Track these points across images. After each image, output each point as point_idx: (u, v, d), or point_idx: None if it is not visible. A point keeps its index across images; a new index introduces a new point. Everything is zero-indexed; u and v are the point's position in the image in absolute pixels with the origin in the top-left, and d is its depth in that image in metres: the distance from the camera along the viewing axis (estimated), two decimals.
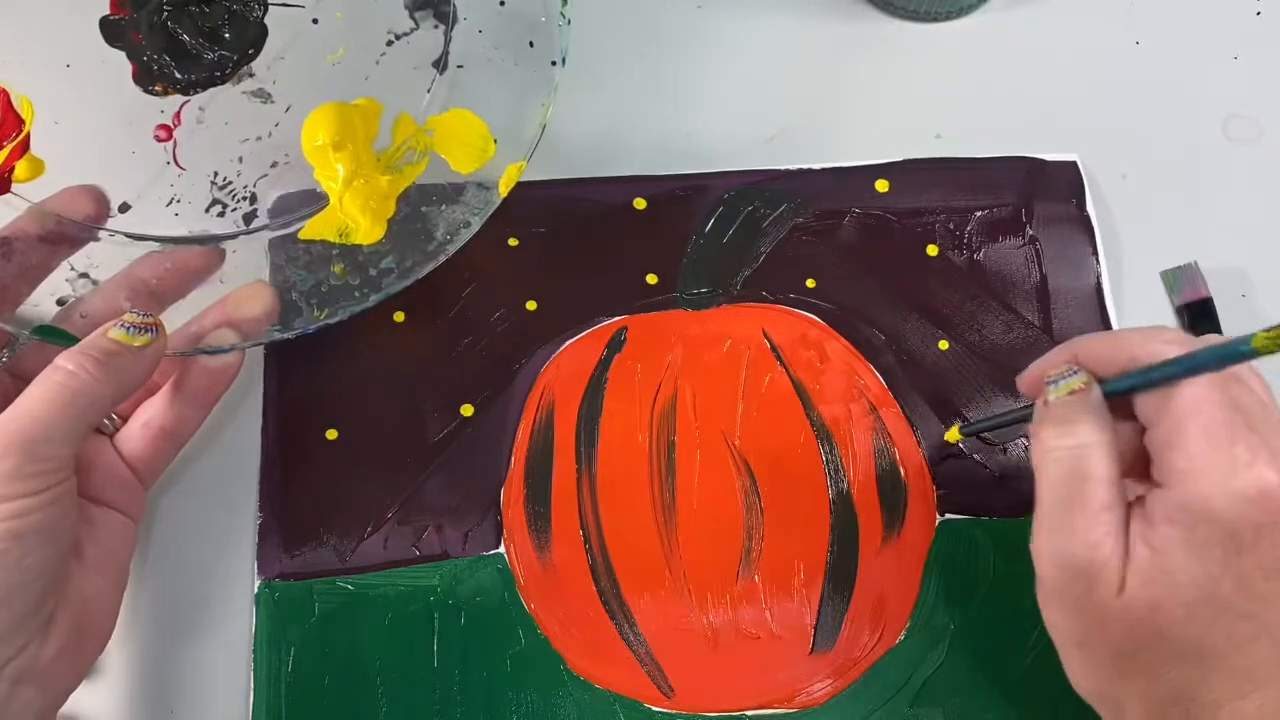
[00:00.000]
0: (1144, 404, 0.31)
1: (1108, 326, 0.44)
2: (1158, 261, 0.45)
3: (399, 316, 0.44)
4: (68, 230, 0.39)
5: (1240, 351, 0.28)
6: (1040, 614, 0.39)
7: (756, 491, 0.41)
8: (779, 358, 0.43)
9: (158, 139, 0.40)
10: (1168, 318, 0.45)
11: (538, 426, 0.42)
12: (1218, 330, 0.43)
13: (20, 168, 0.39)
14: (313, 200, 0.41)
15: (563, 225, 0.45)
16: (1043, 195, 0.45)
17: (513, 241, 0.45)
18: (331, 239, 0.39)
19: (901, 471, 0.42)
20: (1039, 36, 0.49)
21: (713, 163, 0.46)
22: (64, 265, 0.39)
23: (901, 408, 0.43)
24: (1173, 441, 0.30)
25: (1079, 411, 0.32)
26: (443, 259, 0.39)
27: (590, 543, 0.41)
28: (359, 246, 0.39)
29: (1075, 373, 0.32)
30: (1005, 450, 0.42)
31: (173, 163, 0.39)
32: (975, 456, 0.42)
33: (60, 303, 0.38)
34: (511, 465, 0.42)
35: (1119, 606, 0.30)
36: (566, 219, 0.45)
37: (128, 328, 0.35)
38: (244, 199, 0.40)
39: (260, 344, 0.39)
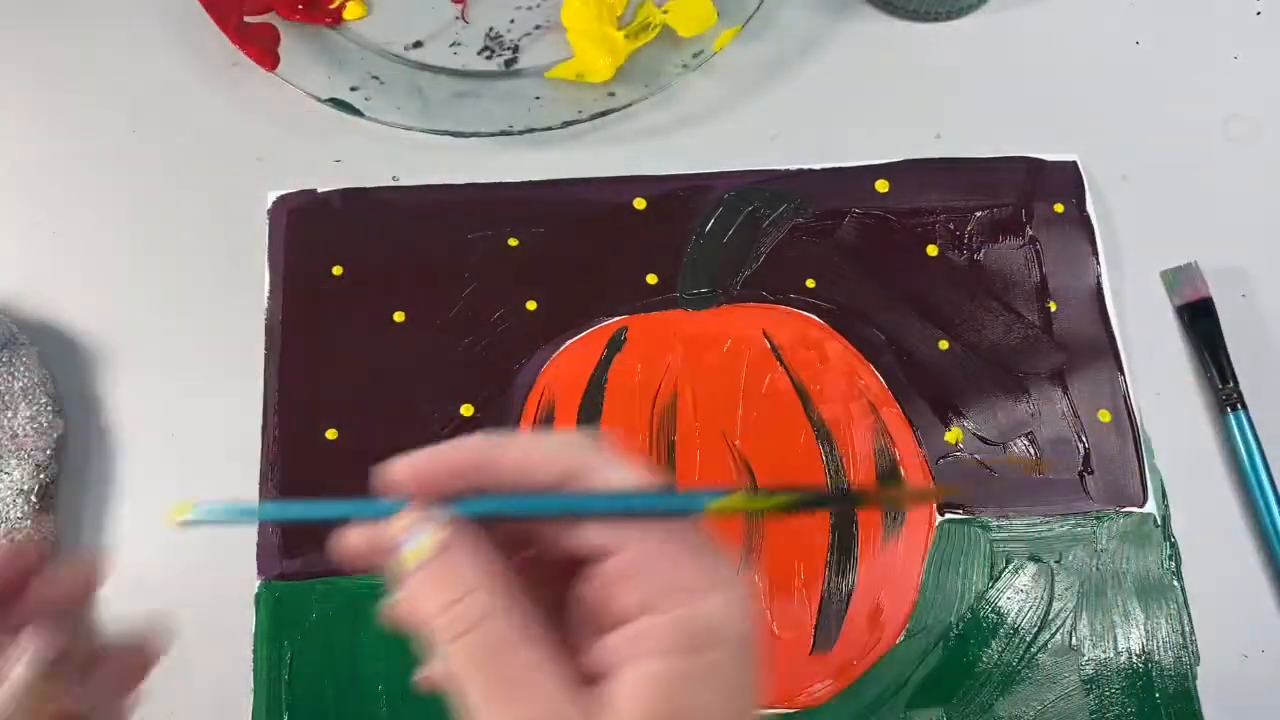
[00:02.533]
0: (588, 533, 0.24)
1: (1108, 327, 0.44)
2: (1158, 261, 0.45)
3: (399, 316, 0.44)
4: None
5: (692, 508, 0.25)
6: (1040, 615, 0.39)
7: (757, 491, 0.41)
8: (779, 358, 0.43)
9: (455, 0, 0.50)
10: (1168, 318, 0.44)
11: (538, 427, 0.42)
12: (1218, 330, 0.43)
13: (352, 7, 0.49)
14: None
15: (563, 225, 0.45)
16: (1043, 195, 0.45)
17: (513, 242, 0.45)
18: (571, 78, 0.47)
19: (901, 472, 0.42)
20: (1039, 37, 0.49)
21: (713, 163, 0.46)
22: None
23: (901, 408, 0.42)
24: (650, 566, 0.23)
25: (459, 572, 0.24)
26: (657, 95, 0.47)
27: None
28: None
29: (424, 523, 0.25)
30: (1005, 450, 0.42)
31: (461, 18, 0.50)
32: (975, 456, 0.42)
33: None
34: None
35: None
36: (566, 219, 0.45)
37: None
38: (509, 49, 0.49)
39: None
